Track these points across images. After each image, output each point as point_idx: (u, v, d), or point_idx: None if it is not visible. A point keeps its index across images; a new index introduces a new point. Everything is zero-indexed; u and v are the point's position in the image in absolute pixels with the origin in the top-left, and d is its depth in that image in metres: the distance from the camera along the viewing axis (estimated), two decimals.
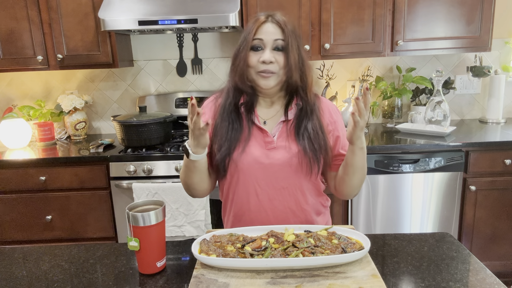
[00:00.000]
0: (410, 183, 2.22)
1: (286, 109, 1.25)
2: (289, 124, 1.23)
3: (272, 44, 1.17)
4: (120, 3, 2.24)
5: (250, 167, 1.20)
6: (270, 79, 1.18)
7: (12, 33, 2.38)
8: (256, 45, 1.17)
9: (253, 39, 1.16)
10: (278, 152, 1.21)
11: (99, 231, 2.33)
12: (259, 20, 1.18)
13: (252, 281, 0.92)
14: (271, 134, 1.23)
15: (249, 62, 1.18)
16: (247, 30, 1.19)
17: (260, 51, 1.17)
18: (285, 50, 1.17)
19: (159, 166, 2.21)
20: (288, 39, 1.16)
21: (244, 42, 1.18)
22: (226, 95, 1.26)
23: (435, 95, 2.38)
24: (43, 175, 2.26)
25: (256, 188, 1.21)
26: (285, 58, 1.17)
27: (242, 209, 1.25)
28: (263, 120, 1.26)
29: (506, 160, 2.19)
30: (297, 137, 1.21)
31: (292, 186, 1.22)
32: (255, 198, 1.22)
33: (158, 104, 2.72)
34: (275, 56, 1.16)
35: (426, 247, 1.12)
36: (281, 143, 1.22)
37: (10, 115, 2.53)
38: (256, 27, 1.17)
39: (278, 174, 1.21)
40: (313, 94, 1.25)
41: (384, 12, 2.32)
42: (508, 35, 2.69)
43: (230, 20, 2.14)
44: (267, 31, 1.17)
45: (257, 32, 1.17)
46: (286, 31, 1.16)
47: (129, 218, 0.99)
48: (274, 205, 1.22)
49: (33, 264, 1.11)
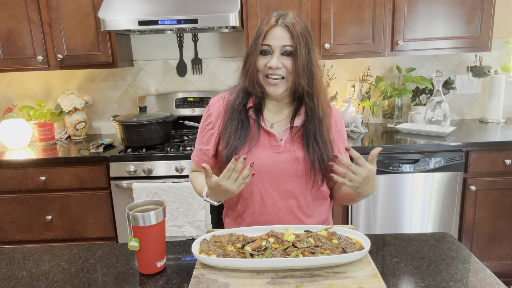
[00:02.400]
0: (410, 183, 2.22)
1: (294, 115, 1.24)
2: (296, 131, 1.23)
3: (280, 49, 1.16)
4: (120, 3, 2.24)
5: (255, 169, 1.19)
6: (278, 86, 1.17)
7: (12, 33, 2.38)
8: (265, 50, 1.17)
9: (262, 44, 1.16)
10: (284, 156, 1.21)
11: (99, 231, 2.33)
12: (269, 24, 1.16)
13: (252, 281, 0.92)
14: (279, 138, 1.23)
15: (257, 67, 1.18)
16: (258, 33, 1.18)
17: (268, 56, 1.17)
18: (293, 55, 1.15)
19: (159, 166, 2.21)
20: (296, 44, 1.14)
21: (254, 46, 1.18)
22: (236, 95, 1.26)
23: (435, 95, 2.38)
24: (43, 175, 2.26)
25: (261, 190, 1.22)
26: (293, 63, 1.15)
27: (246, 211, 1.25)
28: (270, 123, 1.26)
29: (506, 160, 2.18)
30: (305, 146, 1.21)
31: (297, 190, 1.22)
32: (259, 200, 1.22)
33: (158, 104, 2.72)
34: (282, 61, 1.16)
35: (426, 247, 1.12)
36: (288, 148, 1.21)
37: (10, 115, 2.53)
38: (265, 32, 1.16)
39: (283, 177, 1.21)
40: (325, 102, 1.23)
41: (384, 12, 2.32)
42: (508, 35, 2.69)
43: (230, 20, 2.14)
44: (275, 36, 1.15)
45: (266, 37, 1.16)
46: (294, 36, 1.14)
47: (129, 218, 0.99)
48: (278, 208, 1.22)
49: (33, 264, 1.11)
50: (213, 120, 1.28)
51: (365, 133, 2.51)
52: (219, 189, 1.08)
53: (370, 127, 2.68)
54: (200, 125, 1.33)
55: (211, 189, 1.11)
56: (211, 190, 1.12)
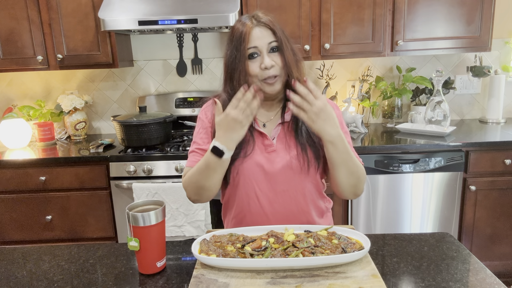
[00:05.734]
0: (410, 183, 2.22)
1: (283, 111, 1.24)
2: (287, 125, 1.23)
3: (267, 48, 1.16)
4: (120, 3, 2.24)
5: (250, 171, 1.20)
6: (275, 84, 1.17)
7: (12, 33, 2.38)
8: (252, 53, 1.16)
9: (248, 48, 1.15)
10: (278, 155, 1.20)
11: (99, 231, 2.33)
12: (247, 26, 1.15)
13: (252, 281, 0.92)
14: (271, 137, 1.23)
15: (250, 72, 1.16)
16: (237, 39, 1.16)
17: (257, 58, 1.16)
18: (280, 50, 1.16)
19: (159, 166, 2.21)
20: (280, 37, 1.15)
21: (238, 53, 1.15)
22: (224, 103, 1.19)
23: (435, 95, 2.38)
24: (43, 175, 2.26)
25: (257, 191, 1.21)
26: (281, 58, 1.16)
27: (243, 212, 1.25)
28: (262, 123, 1.26)
29: (506, 160, 2.19)
30: (296, 135, 1.20)
31: (293, 189, 1.22)
32: (256, 201, 1.22)
33: (158, 104, 2.72)
34: (273, 58, 1.16)
35: (426, 247, 1.12)
36: (281, 145, 1.21)
37: (10, 115, 2.53)
38: (246, 35, 1.15)
39: (279, 178, 1.20)
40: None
41: (384, 12, 2.32)
42: (508, 35, 2.69)
43: (230, 20, 2.14)
44: (258, 36, 1.15)
45: (249, 41, 1.15)
46: (276, 31, 1.16)
47: (129, 218, 0.99)
48: (274, 209, 1.22)
49: (33, 264, 1.11)
50: (206, 123, 1.26)
51: (365, 133, 2.51)
52: (228, 121, 1.08)
53: (370, 127, 2.68)
54: (194, 131, 1.30)
55: (219, 125, 1.10)
56: (218, 126, 1.10)
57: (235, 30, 1.18)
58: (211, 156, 1.11)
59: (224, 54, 1.22)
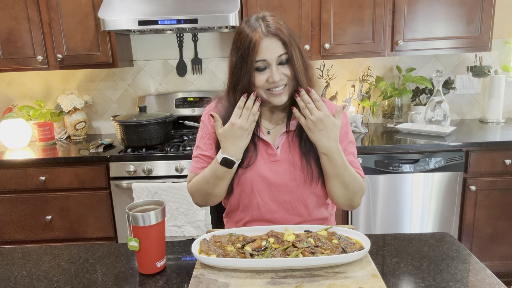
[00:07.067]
0: (410, 183, 2.22)
1: (289, 119, 1.22)
2: (292, 135, 1.21)
3: (276, 60, 1.10)
4: (120, 3, 2.24)
5: (253, 181, 1.19)
6: (282, 96, 1.14)
7: (12, 33, 2.38)
8: (260, 67, 1.10)
9: (256, 61, 1.09)
10: (281, 166, 1.19)
11: (99, 231, 2.33)
12: (256, 36, 1.08)
13: (252, 281, 0.92)
14: (275, 145, 1.21)
15: (256, 84, 1.12)
16: (244, 48, 1.09)
17: (265, 71, 1.11)
18: (289, 62, 1.11)
19: (159, 166, 2.20)
20: (290, 50, 1.09)
21: (244, 64, 1.10)
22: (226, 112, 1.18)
23: (435, 95, 2.38)
24: (43, 175, 2.26)
25: (258, 201, 1.20)
26: (291, 70, 1.12)
27: (244, 220, 1.25)
28: (267, 130, 1.24)
29: (506, 160, 2.18)
30: (300, 145, 1.18)
31: (295, 200, 1.20)
32: (257, 211, 1.21)
33: (158, 104, 2.72)
34: (281, 71, 1.11)
35: (426, 247, 1.12)
36: (284, 155, 1.19)
37: (10, 115, 2.53)
38: (256, 47, 1.08)
39: (281, 188, 1.19)
40: None
41: (384, 12, 2.32)
42: (508, 35, 2.69)
43: (230, 20, 2.14)
44: (268, 48, 1.08)
45: (258, 53, 1.08)
46: (286, 42, 1.09)
47: (129, 218, 0.99)
48: (276, 218, 1.22)
49: (33, 264, 1.11)
50: (210, 128, 1.24)
51: (365, 133, 2.51)
52: (233, 131, 1.09)
53: (370, 127, 2.68)
54: (198, 134, 1.29)
55: (224, 136, 1.10)
56: (224, 138, 1.10)
57: (242, 35, 1.11)
58: (220, 168, 1.13)
59: (229, 59, 1.15)
